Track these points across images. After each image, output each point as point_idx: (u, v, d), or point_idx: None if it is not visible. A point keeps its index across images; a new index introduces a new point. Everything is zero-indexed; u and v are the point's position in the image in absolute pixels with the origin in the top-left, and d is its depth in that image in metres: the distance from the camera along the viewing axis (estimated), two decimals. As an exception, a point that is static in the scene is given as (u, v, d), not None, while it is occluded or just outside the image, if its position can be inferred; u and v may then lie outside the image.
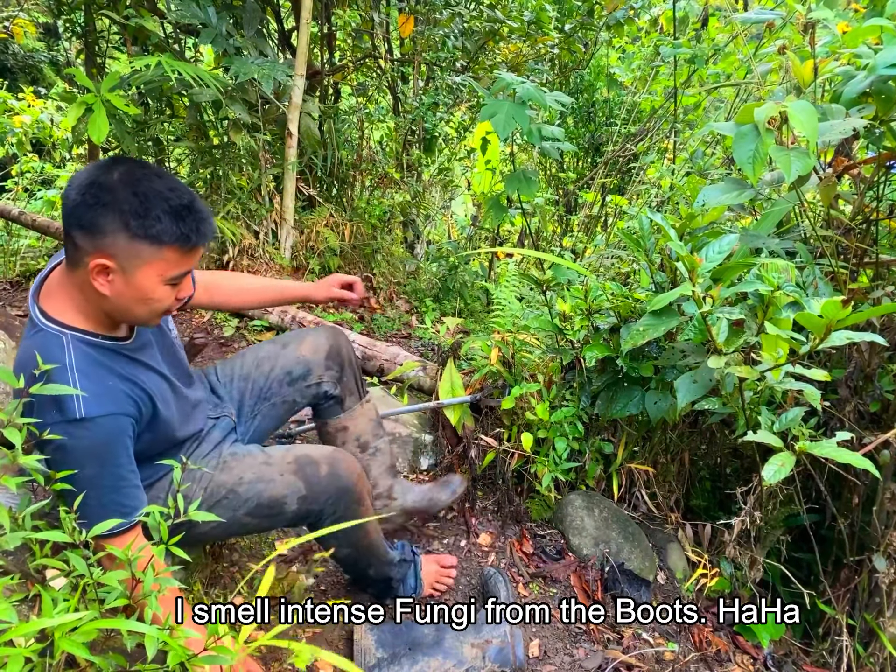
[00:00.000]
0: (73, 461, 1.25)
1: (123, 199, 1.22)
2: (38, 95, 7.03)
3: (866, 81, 1.76)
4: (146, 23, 3.32)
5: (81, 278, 1.28)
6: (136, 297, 1.29)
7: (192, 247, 1.29)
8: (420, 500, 2.06)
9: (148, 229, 1.23)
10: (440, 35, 4.35)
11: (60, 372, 1.25)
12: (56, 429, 1.22)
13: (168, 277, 1.30)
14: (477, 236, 5.30)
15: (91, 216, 1.22)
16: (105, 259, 1.23)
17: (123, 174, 1.24)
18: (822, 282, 1.80)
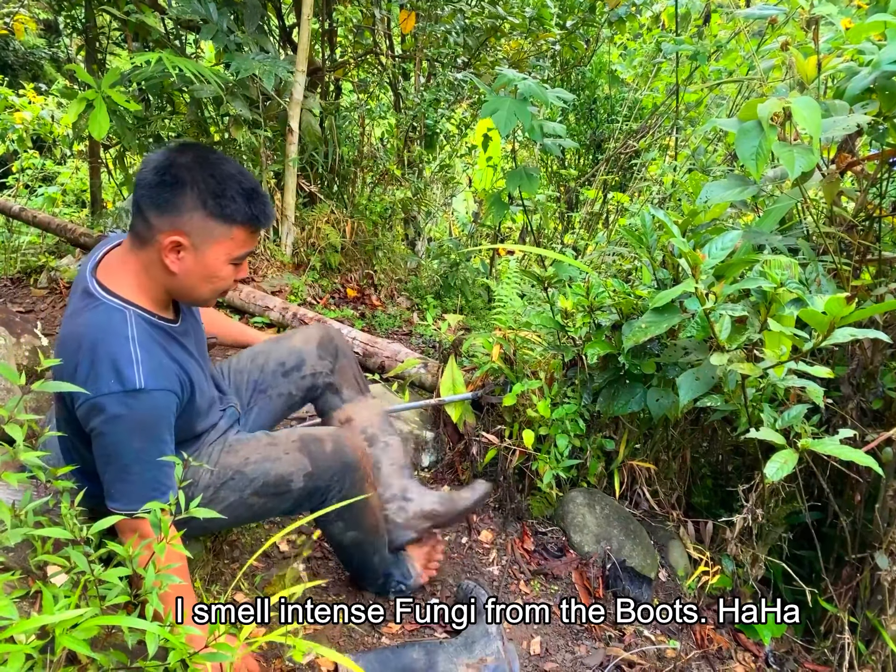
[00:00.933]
0: (124, 432, 1.28)
1: (201, 178, 1.30)
2: (39, 92, 7.02)
3: (870, 77, 1.76)
4: (147, 19, 3.31)
5: (150, 256, 1.34)
6: (203, 275, 1.37)
7: (258, 227, 1.38)
8: (439, 501, 1.90)
9: (224, 208, 1.32)
10: (442, 31, 4.34)
11: (123, 343, 1.29)
12: (112, 398, 1.26)
13: (234, 257, 1.38)
14: (478, 233, 5.29)
15: (169, 194, 1.29)
16: (179, 236, 1.31)
17: (197, 156, 1.33)
18: (825, 279, 1.80)
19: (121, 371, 1.26)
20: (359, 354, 3.08)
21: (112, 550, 1.19)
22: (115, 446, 1.29)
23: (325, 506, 1.55)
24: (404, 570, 1.86)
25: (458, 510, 1.92)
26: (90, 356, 1.28)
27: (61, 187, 6.49)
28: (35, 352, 2.31)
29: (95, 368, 1.26)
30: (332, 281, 4.01)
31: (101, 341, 1.29)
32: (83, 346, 1.28)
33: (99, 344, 1.28)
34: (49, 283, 3.84)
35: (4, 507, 1.12)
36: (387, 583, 1.85)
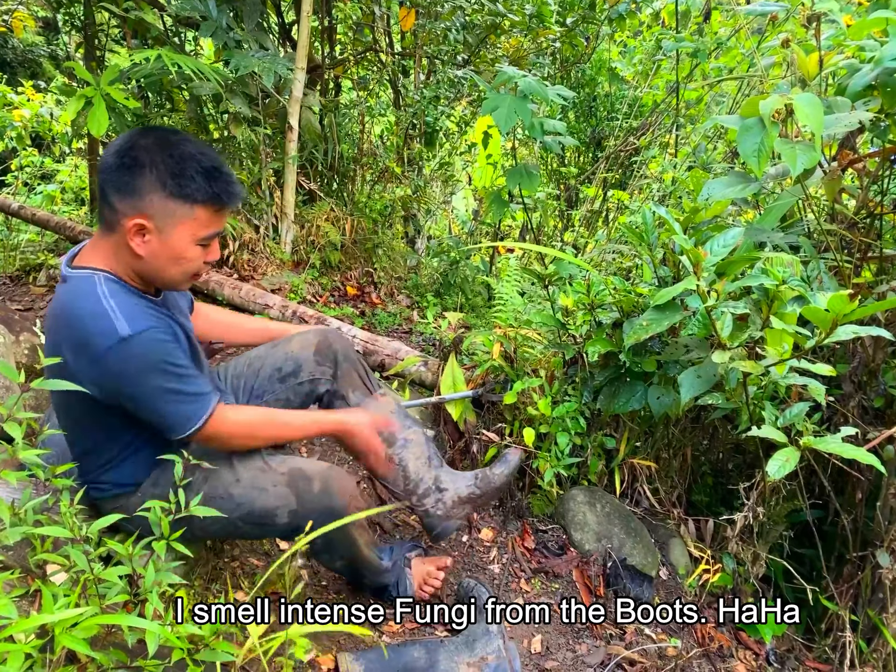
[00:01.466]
0: (135, 379, 1.32)
1: (160, 160, 1.29)
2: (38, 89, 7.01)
3: (872, 74, 1.75)
4: (146, 16, 3.30)
5: (117, 241, 1.35)
6: (169, 257, 1.36)
7: (222, 206, 1.37)
8: (474, 483, 1.87)
9: (183, 188, 1.30)
10: (441, 28, 4.33)
11: (96, 302, 1.31)
12: (109, 354, 1.28)
13: (200, 237, 1.37)
14: (478, 231, 5.28)
15: (129, 178, 1.29)
16: (142, 219, 1.30)
17: (158, 138, 1.32)
18: (827, 276, 1.79)
19: (104, 328, 1.28)
20: (359, 353, 3.07)
21: (112, 549, 1.19)
22: (142, 396, 1.34)
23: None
24: (401, 586, 1.84)
25: (495, 486, 1.89)
26: (69, 329, 1.31)
27: (60, 185, 6.48)
28: (34, 350, 2.31)
29: (83, 338, 1.29)
30: (331, 279, 4.01)
31: (77, 309, 1.31)
32: (60, 322, 1.32)
33: (76, 312, 1.30)
34: (48, 281, 3.83)
35: (4, 505, 1.11)
36: (383, 594, 1.85)
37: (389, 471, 1.82)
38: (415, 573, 1.87)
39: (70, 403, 1.41)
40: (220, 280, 3.44)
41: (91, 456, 1.48)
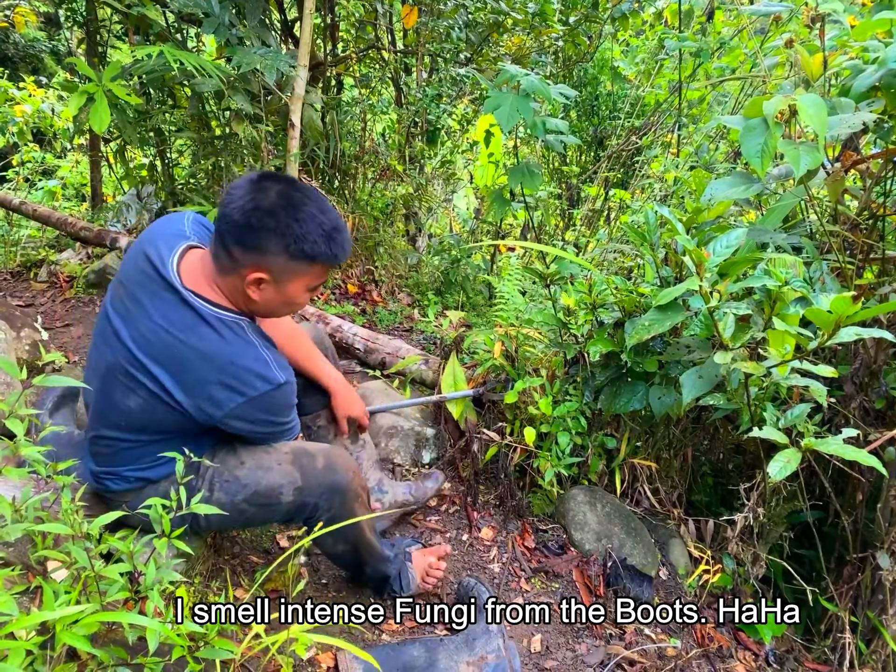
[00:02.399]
0: (279, 416, 1.51)
1: (285, 224, 1.35)
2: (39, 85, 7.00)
3: (876, 75, 1.75)
4: (148, 12, 3.29)
5: (234, 283, 1.42)
6: (282, 302, 1.47)
7: (337, 263, 1.48)
8: (408, 491, 2.16)
9: (306, 252, 1.38)
10: (444, 26, 4.32)
11: (253, 349, 1.42)
12: (264, 398, 1.42)
13: (312, 286, 1.48)
14: (479, 230, 5.28)
15: (255, 238, 1.35)
16: (262, 273, 1.38)
17: (281, 196, 1.37)
18: (829, 277, 1.79)
19: (264, 373, 1.41)
20: (360, 350, 3.07)
21: (113, 546, 1.19)
22: (266, 430, 1.53)
23: (313, 521, 1.56)
24: (403, 579, 1.85)
25: (426, 497, 2.21)
26: (227, 369, 1.38)
27: (61, 181, 6.47)
28: (35, 346, 2.30)
29: (237, 380, 1.39)
30: (332, 276, 4.01)
31: (235, 355, 1.39)
32: (217, 361, 1.38)
33: (235, 359, 1.39)
34: (49, 277, 3.83)
35: (5, 502, 1.11)
36: (383, 587, 1.85)
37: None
38: (416, 565, 1.88)
39: (155, 407, 1.41)
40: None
41: (142, 450, 1.47)
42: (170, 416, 1.41)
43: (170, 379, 1.37)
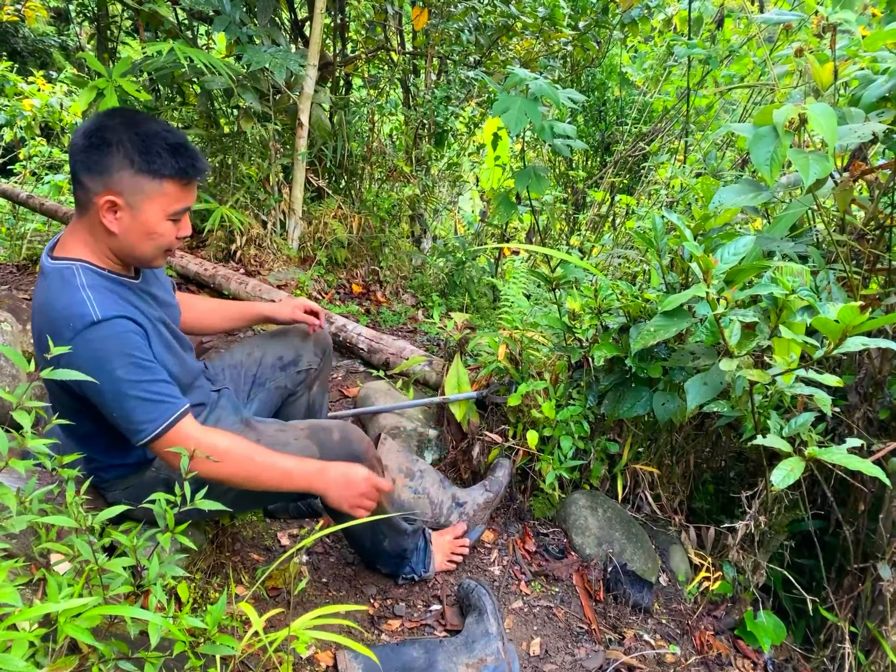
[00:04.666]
0: (103, 365, 1.32)
1: (127, 138, 1.34)
2: (48, 80, 7.02)
3: (886, 86, 1.75)
4: (159, 8, 3.30)
5: (91, 221, 1.39)
6: (142, 232, 1.40)
7: (189, 180, 1.41)
8: (484, 490, 2.16)
9: (150, 164, 1.35)
10: (454, 29, 4.33)
11: (73, 291, 1.34)
12: (77, 340, 1.30)
13: (170, 213, 1.41)
14: (484, 232, 5.28)
15: (98, 157, 1.33)
16: (113, 196, 1.35)
17: (124, 118, 1.37)
18: (836, 287, 1.79)
19: (78, 312, 1.32)
20: (364, 350, 3.08)
21: (116, 539, 1.19)
22: (104, 385, 1.33)
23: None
24: (423, 560, 1.88)
25: (504, 486, 2.19)
26: (48, 316, 1.34)
27: (68, 176, 6.48)
28: (40, 339, 2.31)
29: (55, 326, 1.32)
30: (337, 276, 4.01)
31: (53, 299, 1.35)
32: (40, 313, 1.36)
33: (53, 302, 1.34)
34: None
35: (10, 493, 1.11)
36: (400, 565, 1.86)
37: (417, 503, 2.05)
38: (436, 546, 1.92)
39: (59, 392, 1.43)
40: (226, 274, 3.44)
41: (93, 439, 1.50)
42: (66, 396, 1.42)
43: (38, 350, 1.41)
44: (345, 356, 3.18)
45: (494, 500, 2.17)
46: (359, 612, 1.79)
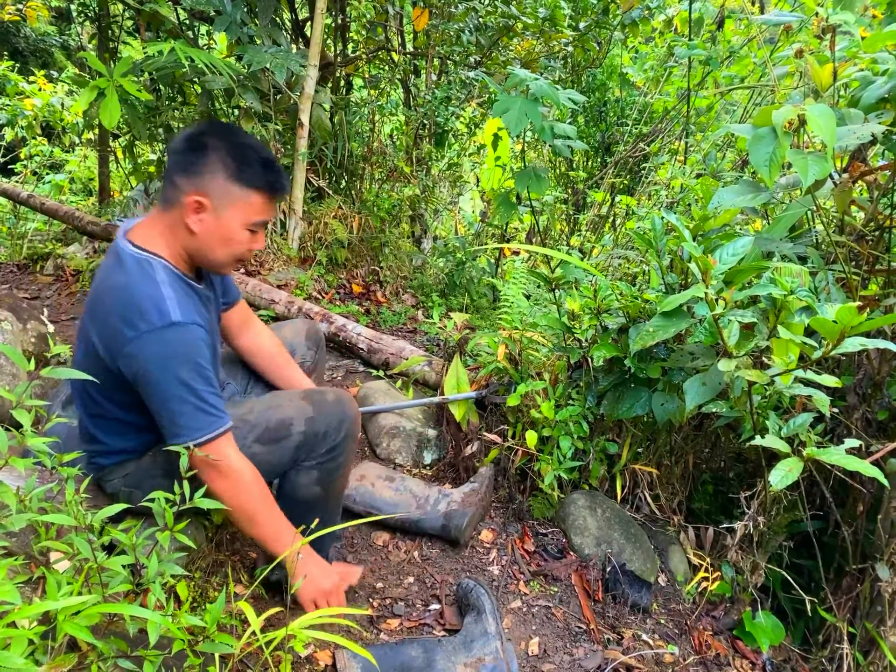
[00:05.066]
0: (169, 366, 1.38)
1: (223, 146, 1.43)
2: (49, 79, 7.02)
3: (886, 87, 1.76)
4: (160, 8, 3.31)
5: (174, 217, 1.45)
6: (220, 237, 1.47)
7: (273, 195, 1.50)
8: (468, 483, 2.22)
9: (243, 173, 1.43)
10: (455, 29, 4.33)
11: (153, 285, 1.40)
12: (151, 336, 1.36)
13: (250, 223, 1.48)
14: (484, 233, 5.28)
15: (194, 159, 1.42)
16: (201, 196, 1.42)
17: (224, 128, 1.49)
18: (835, 288, 1.79)
19: (155, 308, 1.37)
20: (363, 350, 3.08)
21: (115, 538, 1.20)
22: (164, 383, 1.38)
23: (315, 453, 1.60)
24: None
25: (489, 479, 2.24)
26: (123, 303, 1.38)
27: (69, 175, 6.49)
28: (41, 338, 2.31)
29: (130, 312, 1.36)
30: (337, 276, 4.01)
31: (133, 286, 1.39)
32: (115, 296, 1.39)
33: (132, 289, 1.39)
34: (55, 271, 3.85)
35: (10, 492, 1.12)
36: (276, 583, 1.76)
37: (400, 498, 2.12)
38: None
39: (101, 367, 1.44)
40: (226, 274, 3.44)
41: (107, 419, 1.52)
42: (101, 373, 1.43)
43: (92, 323, 1.43)
44: (344, 356, 3.19)
45: (480, 490, 2.18)
46: (357, 612, 1.79)
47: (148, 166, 4.72)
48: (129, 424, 1.52)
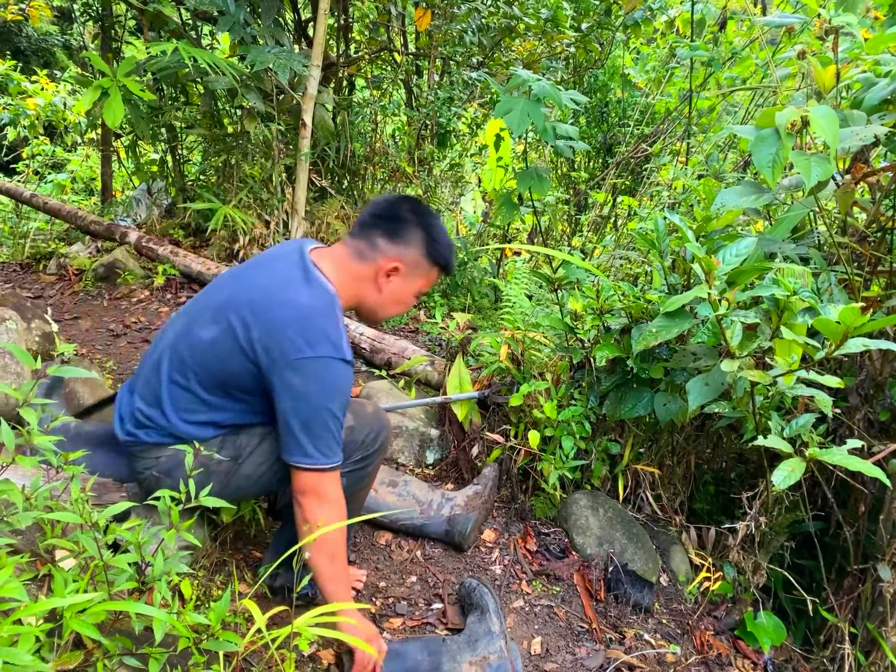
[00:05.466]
0: (330, 392, 1.44)
1: (426, 224, 1.58)
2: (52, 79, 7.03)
3: (888, 89, 1.76)
4: (164, 8, 3.32)
5: (367, 271, 1.57)
6: (398, 299, 1.63)
7: (447, 273, 1.68)
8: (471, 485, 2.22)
9: (436, 252, 1.59)
10: (457, 30, 4.34)
11: (334, 321, 1.47)
12: (328, 362, 1.43)
13: (421, 292, 1.66)
14: (486, 233, 5.29)
15: (401, 229, 1.56)
16: (398, 263, 1.56)
17: (425, 209, 1.62)
18: (837, 289, 1.79)
19: (336, 341, 1.44)
20: (366, 350, 3.08)
21: (120, 536, 1.20)
22: (319, 407, 1.44)
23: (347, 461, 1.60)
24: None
25: (492, 480, 2.25)
26: (306, 322, 1.44)
27: (71, 174, 6.50)
28: (45, 337, 2.32)
29: (312, 333, 1.42)
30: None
31: (318, 312, 1.46)
32: (299, 311, 1.44)
33: (316, 314, 1.45)
34: (58, 270, 3.85)
35: (16, 490, 1.12)
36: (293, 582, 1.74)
37: (403, 503, 2.14)
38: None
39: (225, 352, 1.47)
40: (229, 274, 3.45)
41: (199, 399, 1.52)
42: (232, 356, 1.45)
43: (253, 316, 1.45)
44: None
45: (484, 492, 2.19)
46: (361, 610, 1.80)
47: (150, 166, 4.72)
48: (205, 408, 1.52)
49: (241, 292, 1.51)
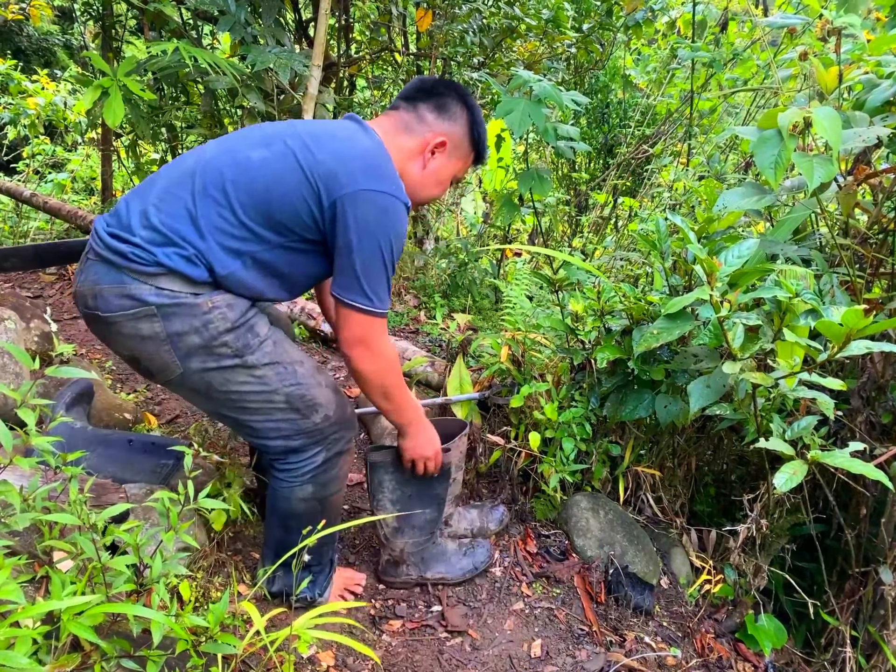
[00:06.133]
0: (390, 234, 1.44)
1: (471, 105, 1.62)
2: (52, 78, 7.02)
3: (891, 90, 1.75)
4: (164, 8, 3.31)
5: (411, 145, 1.58)
6: (438, 179, 1.64)
7: (480, 161, 1.71)
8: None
9: (478, 134, 1.64)
10: (458, 30, 4.33)
11: (392, 170, 1.49)
12: (391, 199, 1.44)
13: (458, 175, 1.69)
14: (486, 234, 5.28)
15: (447, 104, 1.59)
16: (446, 138, 1.58)
17: (466, 92, 1.63)
18: (839, 290, 1.79)
19: (399, 186, 1.46)
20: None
21: (118, 537, 1.20)
22: (378, 243, 1.43)
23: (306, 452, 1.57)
24: (321, 584, 1.75)
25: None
26: (372, 160, 1.46)
27: (71, 174, 6.49)
28: (44, 337, 2.31)
29: (376, 171, 1.44)
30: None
31: (382, 156, 1.48)
32: (365, 150, 1.46)
33: (381, 157, 1.48)
34: (57, 270, 3.85)
35: (14, 491, 1.12)
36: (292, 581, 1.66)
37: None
38: (336, 575, 1.85)
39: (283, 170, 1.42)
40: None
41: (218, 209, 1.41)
42: (288, 174, 1.41)
43: (316, 143, 1.44)
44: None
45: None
46: (360, 612, 1.80)
47: (150, 166, 4.72)
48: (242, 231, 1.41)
49: (298, 126, 1.50)
